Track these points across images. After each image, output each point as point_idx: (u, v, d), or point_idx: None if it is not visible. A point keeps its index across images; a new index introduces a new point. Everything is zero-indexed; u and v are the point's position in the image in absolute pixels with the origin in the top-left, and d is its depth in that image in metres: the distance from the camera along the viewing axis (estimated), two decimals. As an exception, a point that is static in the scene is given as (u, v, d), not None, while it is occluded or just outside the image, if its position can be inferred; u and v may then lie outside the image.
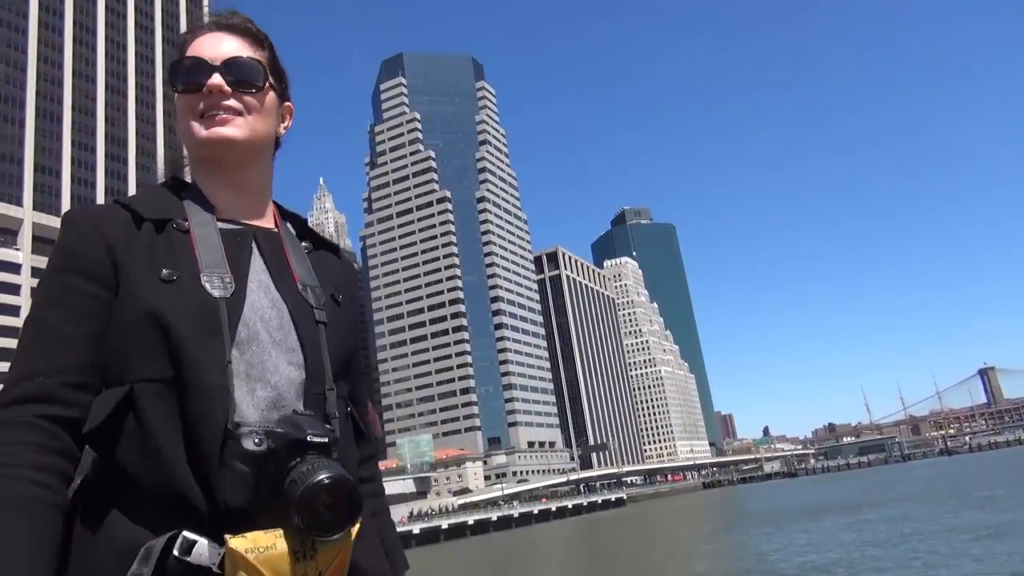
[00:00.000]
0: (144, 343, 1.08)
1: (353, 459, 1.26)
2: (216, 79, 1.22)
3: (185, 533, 1.03)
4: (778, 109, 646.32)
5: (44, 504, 1.00)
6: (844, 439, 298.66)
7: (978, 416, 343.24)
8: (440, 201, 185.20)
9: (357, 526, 1.09)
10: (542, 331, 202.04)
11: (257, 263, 1.21)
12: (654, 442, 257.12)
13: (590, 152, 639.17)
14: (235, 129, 1.22)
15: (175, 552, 1.02)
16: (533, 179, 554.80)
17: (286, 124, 1.33)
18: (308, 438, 1.04)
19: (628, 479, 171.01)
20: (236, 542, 0.98)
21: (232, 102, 1.22)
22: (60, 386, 1.07)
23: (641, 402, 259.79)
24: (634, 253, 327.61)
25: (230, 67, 1.23)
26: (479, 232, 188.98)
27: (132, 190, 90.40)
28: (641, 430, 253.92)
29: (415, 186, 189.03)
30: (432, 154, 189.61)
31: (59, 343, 1.09)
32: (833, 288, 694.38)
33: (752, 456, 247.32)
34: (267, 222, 1.29)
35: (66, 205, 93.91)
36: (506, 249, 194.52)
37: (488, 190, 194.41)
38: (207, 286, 1.12)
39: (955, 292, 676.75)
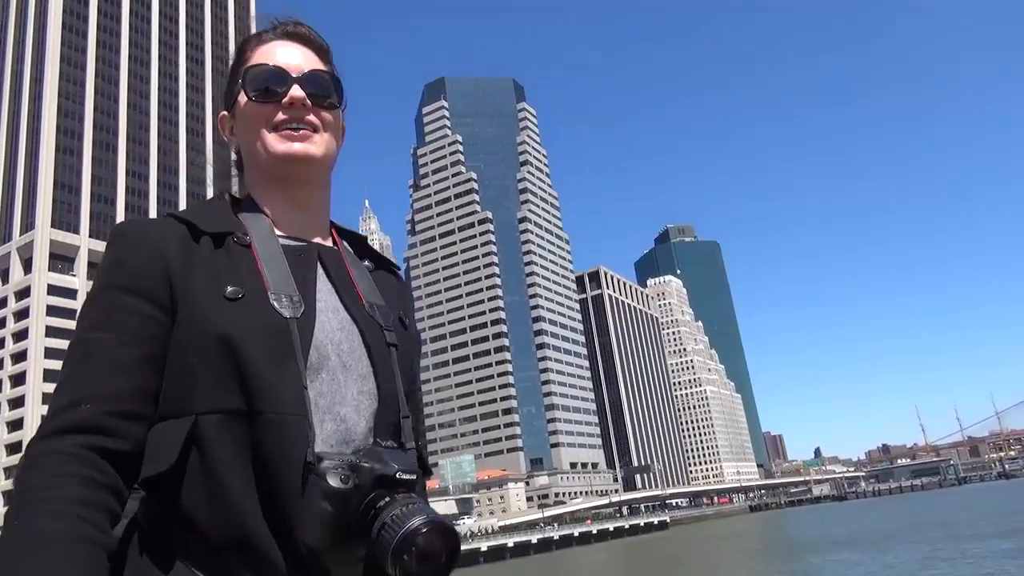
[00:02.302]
0: (211, 369, 0.98)
1: (424, 494, 1.15)
2: (298, 91, 1.14)
3: None
4: (822, 125, 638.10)
5: (90, 545, 0.88)
6: (899, 461, 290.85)
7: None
8: (482, 222, 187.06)
9: None
10: (584, 351, 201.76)
11: (323, 282, 1.12)
12: (700, 464, 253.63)
13: (633, 170, 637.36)
14: (314, 146, 1.14)
15: None
16: (575, 198, 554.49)
17: (341, 143, 1.22)
18: (397, 475, 0.94)
19: (673, 501, 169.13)
20: None
21: (311, 117, 1.14)
22: (108, 415, 0.96)
23: (686, 422, 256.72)
24: (678, 271, 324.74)
25: (311, 80, 1.15)
26: (521, 252, 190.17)
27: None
28: (686, 451, 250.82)
29: (457, 207, 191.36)
30: (474, 175, 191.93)
31: (107, 367, 0.98)
32: (886, 304, 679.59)
33: (801, 479, 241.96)
34: (327, 240, 1.21)
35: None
36: (548, 269, 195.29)
37: (529, 210, 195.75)
38: (275, 305, 1.02)
39: (1015, 307, 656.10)
